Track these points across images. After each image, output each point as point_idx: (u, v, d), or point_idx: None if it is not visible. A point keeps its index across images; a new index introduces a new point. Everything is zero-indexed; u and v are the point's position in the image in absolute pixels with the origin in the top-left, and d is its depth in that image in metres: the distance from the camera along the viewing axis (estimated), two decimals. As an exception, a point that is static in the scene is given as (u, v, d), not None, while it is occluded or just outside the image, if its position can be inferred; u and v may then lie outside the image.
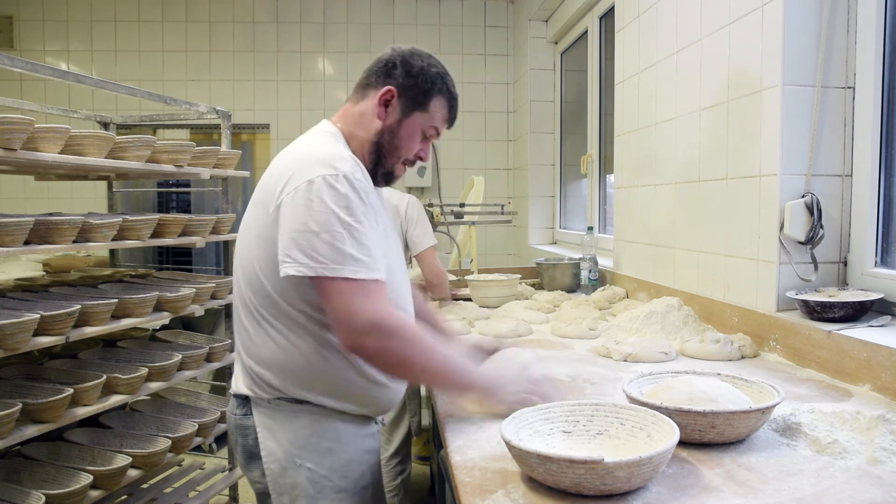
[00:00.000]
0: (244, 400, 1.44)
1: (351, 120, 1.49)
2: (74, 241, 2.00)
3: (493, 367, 1.45)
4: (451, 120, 1.54)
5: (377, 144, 1.46)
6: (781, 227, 1.77)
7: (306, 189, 1.27)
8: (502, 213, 3.40)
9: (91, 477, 1.94)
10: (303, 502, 1.39)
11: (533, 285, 3.14)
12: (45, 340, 1.86)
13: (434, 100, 1.48)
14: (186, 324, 3.46)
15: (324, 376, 1.37)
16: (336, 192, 1.27)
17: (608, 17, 3.62)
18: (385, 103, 1.46)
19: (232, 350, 2.74)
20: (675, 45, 2.36)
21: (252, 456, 1.44)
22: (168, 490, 2.66)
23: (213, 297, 2.62)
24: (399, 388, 1.51)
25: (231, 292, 2.72)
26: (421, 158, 1.52)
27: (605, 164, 3.81)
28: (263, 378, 1.39)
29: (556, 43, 4.75)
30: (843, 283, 1.80)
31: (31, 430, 1.82)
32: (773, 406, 1.17)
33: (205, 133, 5.47)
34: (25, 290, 2.35)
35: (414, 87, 1.47)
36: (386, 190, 1.79)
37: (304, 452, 1.39)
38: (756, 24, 1.85)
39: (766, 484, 1.01)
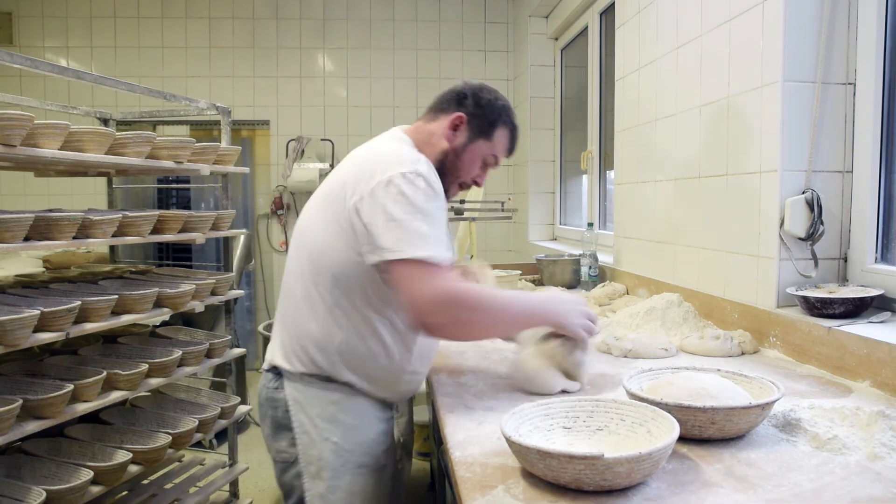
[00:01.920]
0: (277, 374, 1.59)
1: (421, 136, 1.60)
2: (74, 238, 2.00)
3: (550, 295, 1.56)
4: (511, 149, 1.67)
5: (440, 163, 1.57)
6: (782, 224, 1.77)
7: (389, 182, 1.39)
8: (502, 210, 3.40)
9: (91, 473, 1.94)
10: (327, 473, 1.53)
11: (533, 281, 3.14)
12: (46, 336, 1.86)
13: (498, 130, 1.62)
14: (186, 320, 3.45)
15: (359, 357, 1.52)
16: (416, 187, 1.39)
17: (608, 13, 3.61)
18: (454, 127, 1.59)
19: (232, 346, 2.75)
20: (675, 41, 2.36)
21: (280, 427, 1.58)
22: (168, 486, 2.66)
23: (214, 293, 2.62)
24: (420, 379, 1.64)
25: (231, 288, 2.73)
26: (476, 183, 1.65)
27: (606, 161, 3.80)
28: (306, 352, 1.53)
29: (557, 39, 4.75)
30: (844, 280, 1.80)
31: (32, 426, 1.82)
32: (773, 402, 1.17)
33: (205, 129, 5.47)
34: (25, 287, 2.35)
35: (481, 116, 1.60)
36: None
37: (331, 427, 1.53)
38: (756, 19, 1.85)
39: (766, 480, 1.01)
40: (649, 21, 2.59)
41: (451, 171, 1.59)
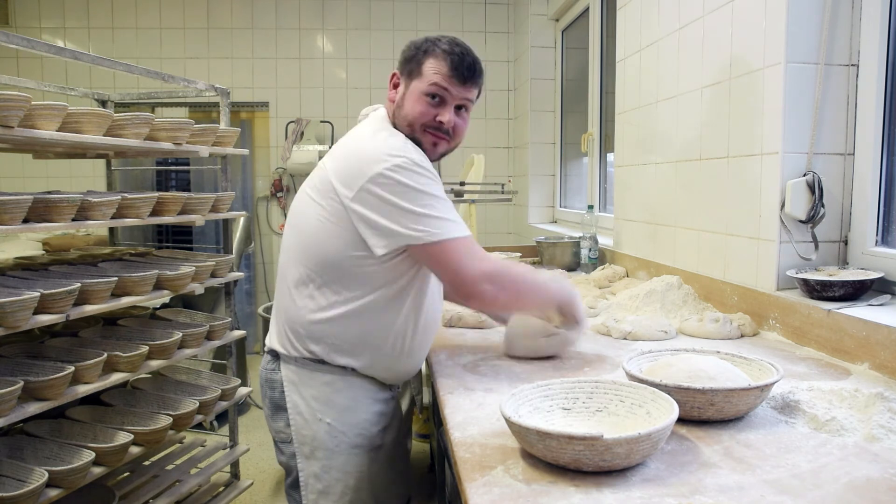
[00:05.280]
0: (275, 356, 1.62)
1: (389, 108, 1.64)
2: (73, 220, 1.99)
3: (565, 284, 1.63)
4: (456, 72, 1.54)
5: (394, 124, 1.59)
6: (782, 206, 1.76)
7: (387, 174, 1.42)
8: (502, 193, 3.39)
9: (93, 454, 1.95)
10: (321, 453, 1.56)
11: (533, 264, 3.14)
12: (46, 318, 1.86)
13: (425, 63, 1.56)
14: (186, 302, 3.46)
15: (352, 340, 1.54)
16: (414, 174, 1.43)
17: (610, -7, 3.58)
18: (394, 86, 1.62)
19: (232, 328, 2.75)
20: (677, 22, 2.34)
21: (278, 408, 1.61)
22: (170, 467, 2.68)
23: (213, 275, 2.62)
24: (418, 361, 1.66)
25: (231, 270, 2.73)
26: (441, 123, 1.56)
27: (606, 143, 3.79)
28: (299, 338, 1.55)
29: (558, 20, 4.71)
30: (844, 262, 1.80)
31: (33, 408, 1.83)
32: (772, 384, 1.18)
33: (203, 111, 5.44)
34: (25, 269, 2.34)
35: (406, 61, 1.60)
36: None
37: (325, 408, 1.55)
38: (759, 0, 1.83)
39: (764, 461, 1.02)
40: (651, 2, 2.56)
41: (403, 122, 1.56)
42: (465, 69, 1.55)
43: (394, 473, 1.68)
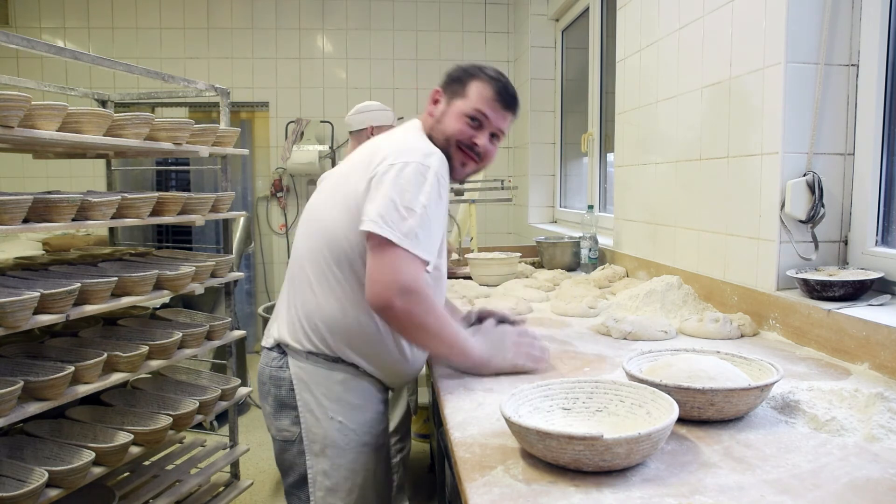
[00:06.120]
0: (282, 353, 1.63)
1: (426, 121, 1.69)
2: (73, 220, 2.00)
3: (484, 341, 1.55)
4: (499, 97, 1.63)
5: (430, 137, 1.63)
6: (782, 206, 1.76)
7: (400, 168, 1.46)
8: (502, 189, 3.39)
9: (93, 454, 1.95)
10: (332, 451, 1.58)
11: (533, 264, 3.14)
12: (46, 318, 1.86)
13: (470, 86, 1.63)
14: (186, 302, 3.46)
15: (367, 338, 1.56)
16: (422, 179, 1.46)
17: (610, -7, 3.58)
18: (434, 102, 1.67)
19: (232, 328, 2.75)
20: (677, 22, 2.34)
21: (283, 406, 1.62)
22: (170, 467, 2.68)
23: (213, 275, 2.62)
24: (419, 365, 1.69)
25: (231, 270, 2.73)
26: (475, 144, 1.62)
27: (606, 143, 3.79)
28: (317, 331, 1.57)
29: (558, 20, 4.71)
30: (844, 262, 1.80)
31: (33, 408, 1.83)
32: (772, 384, 1.18)
33: (203, 111, 5.44)
34: (25, 269, 2.34)
35: (452, 82, 1.66)
36: None
37: (336, 406, 1.58)
38: (759, 0, 1.83)
39: (764, 461, 1.02)
40: (651, 2, 2.56)
41: (440, 136, 1.61)
42: (508, 96, 1.63)
43: (390, 473, 1.73)
